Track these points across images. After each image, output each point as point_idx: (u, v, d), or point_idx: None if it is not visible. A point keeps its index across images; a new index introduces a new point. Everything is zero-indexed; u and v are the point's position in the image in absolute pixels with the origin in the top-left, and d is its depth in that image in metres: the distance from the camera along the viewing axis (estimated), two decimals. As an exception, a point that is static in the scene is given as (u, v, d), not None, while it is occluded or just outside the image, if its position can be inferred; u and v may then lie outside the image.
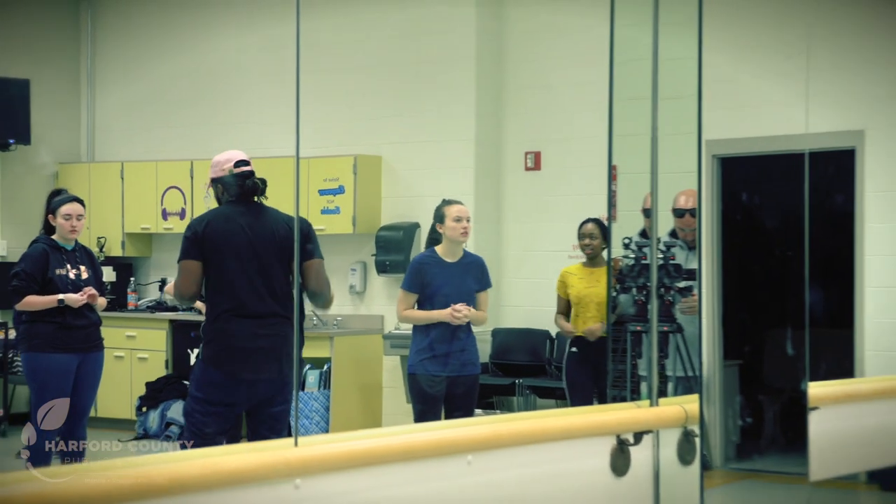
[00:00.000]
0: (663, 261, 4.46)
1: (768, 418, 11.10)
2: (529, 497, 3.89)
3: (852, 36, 9.96)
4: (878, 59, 10.04)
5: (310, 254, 6.75)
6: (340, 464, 3.35)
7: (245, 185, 6.75)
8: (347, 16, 12.38)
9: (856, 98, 10.05)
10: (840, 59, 9.87)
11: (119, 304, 9.35)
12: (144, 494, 2.93)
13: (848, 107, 10.02)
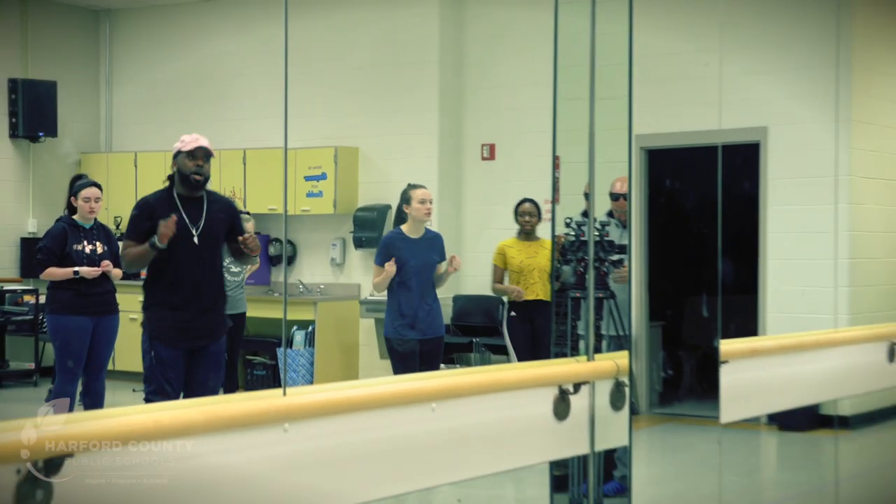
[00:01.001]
0: (599, 237, 4.45)
1: (686, 371, 11.16)
2: (485, 438, 3.88)
3: (758, 47, 9.99)
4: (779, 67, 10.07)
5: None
6: (323, 411, 3.32)
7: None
8: (329, 28, 12.34)
9: (761, 99, 10.09)
10: (748, 66, 9.90)
11: (134, 275, 9.22)
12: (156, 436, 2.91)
13: (754, 107, 10.05)
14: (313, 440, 3.28)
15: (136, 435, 2.86)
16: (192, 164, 6.41)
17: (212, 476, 3.03)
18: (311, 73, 12.22)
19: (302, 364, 11.66)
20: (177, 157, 6.46)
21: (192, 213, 6.46)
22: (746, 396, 5.14)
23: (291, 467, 3.22)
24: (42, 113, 13.19)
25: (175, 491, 2.95)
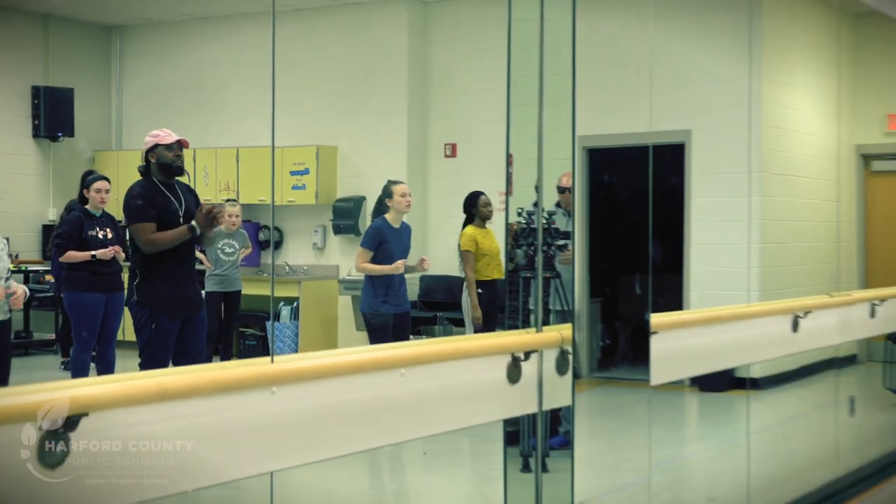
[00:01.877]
0: (547, 225, 4.45)
1: (621, 340, 11.19)
2: (447, 399, 3.88)
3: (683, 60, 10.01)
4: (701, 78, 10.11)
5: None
6: (306, 376, 3.32)
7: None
8: (311, 40, 12.28)
9: (685, 105, 10.11)
10: (674, 77, 9.93)
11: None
12: (161, 397, 2.89)
13: (680, 112, 10.09)
14: (297, 402, 3.27)
15: (144, 397, 2.84)
16: (171, 154, 6.41)
17: (209, 432, 3.02)
18: (296, 81, 12.18)
19: (288, 335, 11.65)
20: (154, 150, 6.43)
21: (174, 197, 6.45)
22: (672, 362, 5.16)
23: (278, 425, 3.20)
24: (61, 116, 13.15)
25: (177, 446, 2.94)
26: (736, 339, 5.79)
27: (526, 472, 4.36)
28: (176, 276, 6.49)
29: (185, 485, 3.00)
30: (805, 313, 6.33)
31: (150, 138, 6.55)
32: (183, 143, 6.49)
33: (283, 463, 3.23)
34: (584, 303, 10.22)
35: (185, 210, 6.47)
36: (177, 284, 6.50)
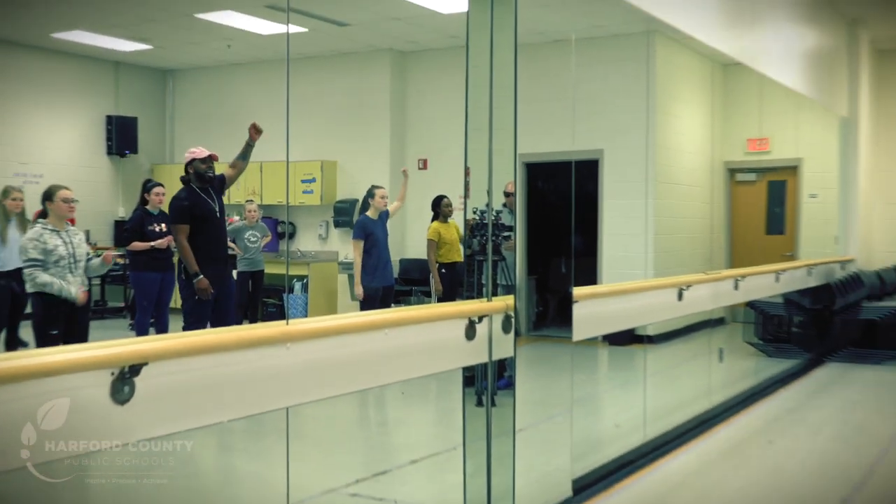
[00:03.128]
0: (496, 221, 4.43)
1: (551, 307, 11.20)
2: (420, 352, 3.88)
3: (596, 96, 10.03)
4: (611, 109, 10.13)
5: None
6: (314, 335, 3.30)
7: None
8: (317, 82, 12.24)
9: (599, 130, 10.14)
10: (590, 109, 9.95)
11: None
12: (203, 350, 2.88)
13: (595, 135, 10.12)
14: (307, 354, 3.26)
15: (190, 350, 2.83)
16: (204, 166, 6.43)
17: (239, 377, 3.01)
18: (306, 111, 12.14)
19: (299, 304, 11.62)
20: (192, 163, 6.45)
21: (209, 199, 6.43)
22: (589, 323, 5.17)
23: (292, 372, 3.20)
24: (127, 138, 13.17)
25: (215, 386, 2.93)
26: (636, 306, 5.82)
27: (479, 406, 4.36)
28: (215, 256, 6.48)
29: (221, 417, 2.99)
30: (687, 286, 6.37)
31: (189, 154, 6.54)
32: (213, 157, 6.52)
33: (296, 400, 3.23)
34: (523, 279, 10.26)
35: (218, 205, 6.49)
36: (217, 263, 6.49)
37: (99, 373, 2.58)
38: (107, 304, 12.23)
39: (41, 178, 11.22)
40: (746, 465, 5.78)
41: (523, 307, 10.22)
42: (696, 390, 7.34)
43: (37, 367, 2.44)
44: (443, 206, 8.51)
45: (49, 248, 5.45)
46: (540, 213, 11.08)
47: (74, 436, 2.50)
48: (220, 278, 6.46)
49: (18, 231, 7.09)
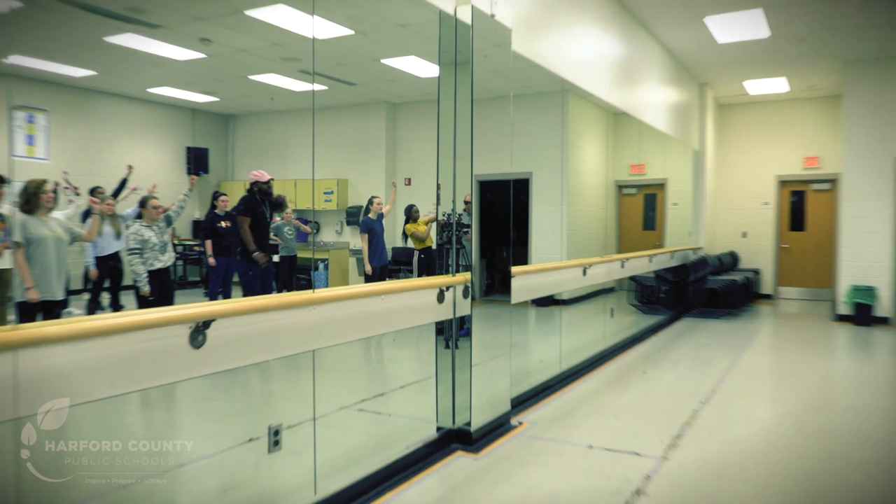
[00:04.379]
0: (458, 220, 4.43)
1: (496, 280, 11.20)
2: (406, 311, 3.87)
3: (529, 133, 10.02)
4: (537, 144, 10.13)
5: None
6: (332, 299, 3.28)
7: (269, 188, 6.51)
8: (335, 122, 12.18)
9: (530, 157, 10.15)
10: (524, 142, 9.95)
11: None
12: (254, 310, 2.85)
13: (527, 161, 10.12)
14: (328, 313, 3.24)
15: (245, 310, 2.80)
16: (266, 186, 6.42)
17: (280, 329, 2.98)
18: (327, 144, 12.07)
19: (322, 279, 11.55)
20: (256, 184, 6.42)
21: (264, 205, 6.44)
22: (522, 291, 5.19)
23: (316, 325, 3.18)
24: (201, 162, 12.96)
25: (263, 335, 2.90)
26: (554, 279, 5.85)
27: (447, 349, 4.36)
28: (265, 248, 6.45)
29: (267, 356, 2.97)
30: (589, 266, 6.40)
31: (252, 176, 6.47)
32: (270, 180, 6.49)
33: (320, 345, 3.21)
34: (478, 261, 10.28)
35: (269, 214, 6.47)
36: (265, 250, 6.45)
37: (181, 326, 2.55)
38: (187, 278, 12.11)
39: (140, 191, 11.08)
40: (629, 387, 5.84)
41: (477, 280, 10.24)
42: (595, 337, 7.40)
43: (144, 321, 2.42)
44: (412, 212, 8.52)
45: (145, 239, 5.44)
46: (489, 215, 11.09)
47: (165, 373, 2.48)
48: (268, 262, 6.48)
49: (110, 227, 6.93)
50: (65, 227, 4.73)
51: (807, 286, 12.23)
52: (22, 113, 10.40)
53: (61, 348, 2.17)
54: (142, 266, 5.40)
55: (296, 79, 10.35)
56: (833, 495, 3.58)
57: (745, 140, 12.46)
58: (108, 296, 7.26)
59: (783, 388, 5.83)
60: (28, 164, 10.34)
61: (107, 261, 7.01)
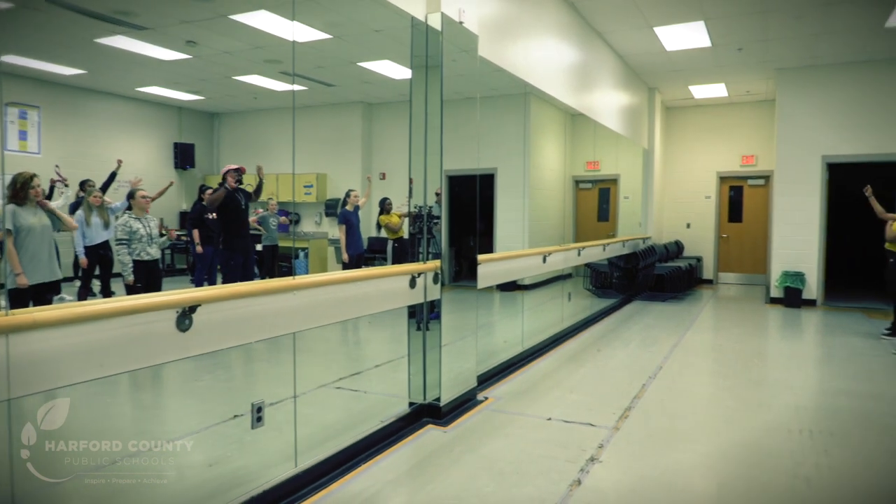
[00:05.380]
0: (429, 212, 4.40)
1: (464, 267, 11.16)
2: (381, 295, 3.83)
3: (495, 132, 10.01)
4: (500, 141, 10.12)
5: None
6: (311, 285, 3.24)
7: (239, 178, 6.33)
8: (314, 122, 12.02)
9: (495, 155, 10.14)
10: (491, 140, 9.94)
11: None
12: (238, 296, 2.80)
13: (492, 158, 10.11)
14: (306, 298, 3.19)
15: (228, 296, 2.75)
16: (236, 175, 6.27)
17: (262, 313, 2.93)
18: (306, 141, 11.91)
19: (302, 267, 11.44)
20: (228, 173, 6.27)
21: (239, 196, 6.27)
22: (487, 277, 5.19)
23: (296, 309, 3.13)
24: (188, 157, 12.72)
25: (246, 319, 2.85)
26: (517, 266, 5.86)
27: (418, 330, 4.34)
28: (237, 237, 6.33)
29: (250, 339, 2.92)
30: (549, 254, 6.43)
31: (224, 169, 6.36)
32: (241, 170, 6.34)
33: (300, 327, 3.17)
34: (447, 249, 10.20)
35: (244, 204, 6.34)
36: (242, 238, 6.34)
37: (168, 311, 2.50)
38: (175, 265, 11.90)
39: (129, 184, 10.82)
40: (584, 364, 5.89)
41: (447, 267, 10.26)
42: (554, 319, 7.46)
43: (133, 306, 2.36)
44: (386, 205, 8.48)
45: (133, 230, 5.30)
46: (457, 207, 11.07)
47: (153, 355, 2.42)
48: (245, 248, 6.34)
49: (98, 217, 6.75)
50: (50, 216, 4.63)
51: (743, 272, 12.48)
52: (14, 109, 10.07)
53: (52, 333, 2.10)
54: (128, 256, 5.27)
55: (277, 79, 10.19)
56: (768, 462, 3.67)
57: (690, 140, 12.63)
58: (98, 283, 7.08)
59: (723, 364, 5.95)
60: (20, 159, 10.02)
61: (97, 250, 6.83)
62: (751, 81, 10.59)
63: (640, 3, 7.11)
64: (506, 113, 10.11)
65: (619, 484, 3.33)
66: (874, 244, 10.59)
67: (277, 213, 10.05)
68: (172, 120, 12.86)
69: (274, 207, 9.76)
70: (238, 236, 6.26)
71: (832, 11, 7.15)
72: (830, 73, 9.52)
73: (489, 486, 3.27)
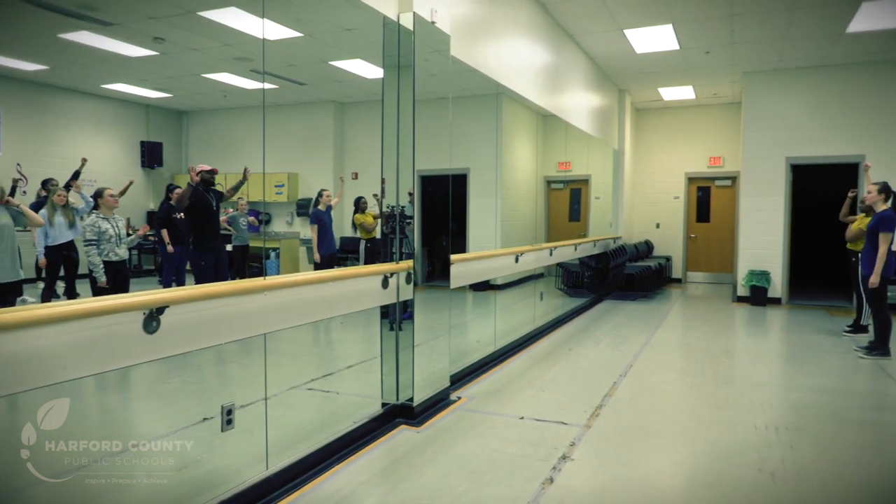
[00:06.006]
0: (401, 211, 4.39)
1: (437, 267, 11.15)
2: (354, 295, 3.81)
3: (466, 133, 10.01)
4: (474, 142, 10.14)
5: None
6: (284, 285, 3.20)
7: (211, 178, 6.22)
8: (284, 121, 11.91)
9: (468, 155, 10.13)
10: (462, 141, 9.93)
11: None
12: (207, 297, 2.75)
13: (465, 158, 10.10)
14: (277, 298, 3.16)
15: (198, 297, 2.70)
16: (209, 175, 6.16)
17: (232, 314, 2.89)
18: (277, 140, 11.78)
19: (274, 266, 11.31)
20: (200, 173, 6.14)
21: (209, 195, 6.17)
22: (460, 277, 5.19)
23: (267, 310, 3.10)
24: (155, 156, 12.49)
25: (216, 320, 2.81)
26: (490, 266, 5.88)
27: (391, 331, 4.33)
28: (212, 235, 6.24)
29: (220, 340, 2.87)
30: (521, 254, 6.46)
31: (198, 168, 6.25)
32: (214, 171, 6.24)
33: (271, 328, 3.13)
34: (420, 249, 10.21)
35: (214, 202, 6.24)
36: (213, 238, 6.25)
37: (135, 313, 2.45)
38: (142, 266, 11.68)
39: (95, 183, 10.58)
40: (556, 363, 5.94)
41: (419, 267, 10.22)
42: (526, 318, 7.50)
43: (99, 307, 2.30)
44: (361, 204, 8.43)
45: (102, 230, 5.19)
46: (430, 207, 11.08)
47: (119, 358, 2.37)
48: (216, 249, 6.25)
49: (63, 217, 6.58)
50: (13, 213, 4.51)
51: (711, 271, 12.70)
52: (-27, 106, 9.79)
53: (13, 335, 2.04)
54: (98, 257, 5.16)
55: (247, 77, 10.06)
56: (735, 457, 3.74)
57: (659, 141, 12.82)
58: (63, 284, 6.91)
59: (691, 362, 6.04)
60: (-20, 156, 9.74)
61: (60, 250, 6.66)
62: (718, 84, 10.79)
63: (611, 5, 7.19)
64: (478, 113, 10.13)
65: (590, 481, 3.36)
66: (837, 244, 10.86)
67: (248, 213, 9.94)
68: (139, 118, 12.64)
69: (244, 207, 9.64)
70: (209, 237, 6.16)
71: (797, 16, 7.32)
72: (795, 76, 9.74)
73: (462, 486, 3.28)
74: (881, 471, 3.54)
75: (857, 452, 3.78)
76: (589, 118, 9.79)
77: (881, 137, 9.27)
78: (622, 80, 10.72)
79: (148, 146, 12.51)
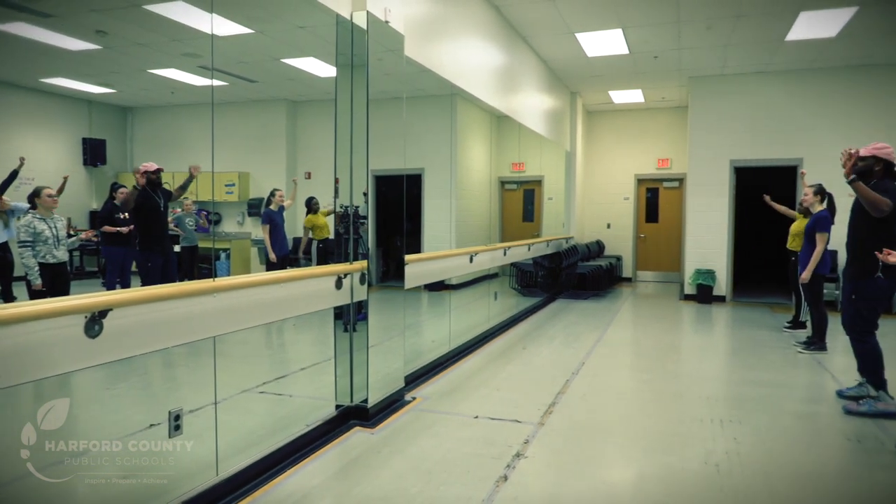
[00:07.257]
0: (355, 212, 4.36)
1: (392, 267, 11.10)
2: (306, 297, 3.76)
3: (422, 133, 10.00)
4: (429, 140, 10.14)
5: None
6: (233, 287, 3.13)
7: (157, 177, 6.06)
8: (236, 119, 11.66)
9: (423, 155, 10.13)
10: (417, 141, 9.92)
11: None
12: (154, 299, 2.67)
13: (420, 158, 10.09)
14: (228, 300, 3.09)
15: (144, 299, 2.62)
16: (154, 176, 6.00)
17: (180, 317, 2.81)
18: (228, 138, 11.55)
19: (224, 268, 11.07)
20: (146, 174, 5.98)
21: (157, 196, 6.00)
22: (416, 278, 5.19)
23: (217, 312, 3.02)
24: (98, 154, 12.05)
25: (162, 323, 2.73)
26: (444, 266, 5.89)
27: (345, 332, 4.29)
28: (159, 237, 6.07)
29: (167, 344, 2.79)
30: (476, 254, 6.49)
31: (143, 167, 6.07)
32: (159, 170, 6.07)
33: (221, 331, 3.06)
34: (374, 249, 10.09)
35: (162, 202, 6.07)
36: (162, 240, 6.08)
37: (76, 316, 2.36)
38: (84, 268, 11.25)
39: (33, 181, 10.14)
40: (511, 361, 5.99)
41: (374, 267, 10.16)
42: (481, 318, 7.53)
43: (35, 311, 2.20)
44: (313, 204, 8.34)
45: (38, 231, 4.96)
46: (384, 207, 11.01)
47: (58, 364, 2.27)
48: (164, 250, 6.08)
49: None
50: None
51: (660, 270, 13.03)
52: None
53: (-58, 342, 1.94)
54: (32, 259, 4.93)
55: (196, 74, 9.81)
56: (682, 450, 3.84)
57: (609, 143, 13.08)
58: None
59: (641, 358, 6.18)
60: None
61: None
62: (666, 88, 11.08)
63: (562, 9, 7.30)
64: (433, 113, 10.13)
65: (543, 478, 3.40)
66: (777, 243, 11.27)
67: (195, 213, 9.69)
68: (81, 114, 12.19)
69: (190, 207, 9.41)
70: (156, 237, 5.99)
71: (740, 24, 7.58)
72: (738, 81, 10.08)
73: (417, 486, 3.27)
74: (817, 459, 3.69)
75: (795, 442, 3.93)
76: (542, 120, 9.91)
77: (819, 141, 9.68)
78: (574, 82, 10.89)
79: (91, 143, 12.07)
